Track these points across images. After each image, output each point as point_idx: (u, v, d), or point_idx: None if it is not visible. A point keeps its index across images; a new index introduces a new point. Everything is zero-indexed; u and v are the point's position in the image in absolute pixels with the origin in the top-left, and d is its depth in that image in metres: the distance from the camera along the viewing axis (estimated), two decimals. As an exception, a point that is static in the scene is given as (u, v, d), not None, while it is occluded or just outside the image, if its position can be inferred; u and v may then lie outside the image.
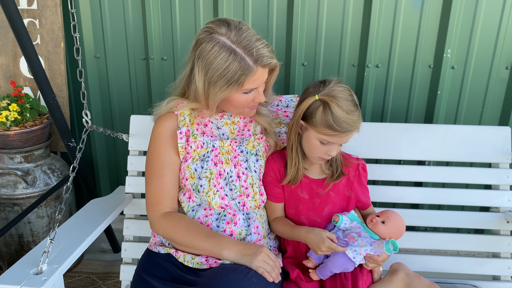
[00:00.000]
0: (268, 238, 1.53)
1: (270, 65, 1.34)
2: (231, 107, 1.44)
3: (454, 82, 2.18)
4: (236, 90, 1.34)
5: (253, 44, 1.30)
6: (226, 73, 1.30)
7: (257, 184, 1.50)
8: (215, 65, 1.30)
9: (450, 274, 1.75)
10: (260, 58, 1.30)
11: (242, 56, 1.29)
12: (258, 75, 1.33)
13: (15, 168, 2.16)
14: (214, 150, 1.47)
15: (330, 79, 1.39)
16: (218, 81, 1.32)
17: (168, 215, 1.43)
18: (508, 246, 1.70)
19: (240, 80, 1.31)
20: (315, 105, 1.35)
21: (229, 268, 1.29)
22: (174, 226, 1.40)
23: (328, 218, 1.49)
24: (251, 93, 1.38)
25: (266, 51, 1.32)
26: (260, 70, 1.33)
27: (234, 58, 1.28)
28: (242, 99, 1.38)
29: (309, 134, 1.40)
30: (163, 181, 1.44)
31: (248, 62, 1.29)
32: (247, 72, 1.30)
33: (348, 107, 1.33)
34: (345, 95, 1.35)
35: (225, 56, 1.29)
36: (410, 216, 1.75)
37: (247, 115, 1.49)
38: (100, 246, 2.60)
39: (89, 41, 2.28)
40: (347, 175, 1.51)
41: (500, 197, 1.72)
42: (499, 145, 1.72)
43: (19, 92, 2.23)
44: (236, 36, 1.30)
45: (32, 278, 1.22)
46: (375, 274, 1.45)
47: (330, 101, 1.32)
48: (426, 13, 2.07)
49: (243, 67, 1.29)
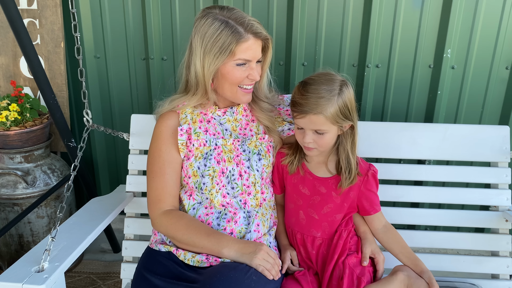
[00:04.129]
0: (269, 235, 1.53)
1: (261, 35, 1.39)
2: (225, 84, 1.44)
3: (454, 82, 2.18)
4: (229, 59, 1.38)
5: (244, 17, 1.39)
6: (219, 39, 1.35)
7: (259, 183, 1.50)
8: (208, 34, 1.37)
9: (449, 273, 1.75)
10: (250, 25, 1.37)
11: (233, 25, 1.36)
12: (249, 44, 1.38)
13: (15, 168, 2.16)
14: (217, 148, 1.48)
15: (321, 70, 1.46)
16: (212, 49, 1.37)
17: (169, 213, 1.43)
18: (507, 244, 1.71)
19: (232, 45, 1.35)
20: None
21: (230, 266, 1.30)
22: (175, 224, 1.41)
23: (326, 217, 1.49)
24: (244, 67, 1.41)
25: (256, 24, 1.39)
26: (252, 40, 1.38)
27: (225, 26, 1.36)
28: (236, 72, 1.41)
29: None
30: (164, 179, 1.45)
31: (239, 29, 1.36)
32: (238, 37, 1.35)
33: (307, 89, 1.37)
34: (314, 80, 1.39)
35: (217, 25, 1.36)
36: (410, 215, 1.76)
37: (242, 99, 1.49)
38: (100, 246, 2.59)
39: (89, 41, 2.28)
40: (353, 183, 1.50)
41: (499, 196, 1.72)
42: (498, 144, 1.73)
43: (19, 92, 2.23)
44: (228, 12, 1.39)
45: (33, 275, 1.23)
46: (378, 273, 1.47)
47: (299, 83, 1.41)
48: (426, 13, 2.08)
49: (234, 32, 1.35)
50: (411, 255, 1.48)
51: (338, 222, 1.50)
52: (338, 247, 1.46)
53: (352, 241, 1.50)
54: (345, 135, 1.45)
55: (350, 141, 1.46)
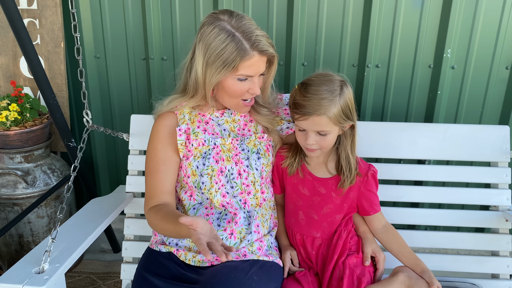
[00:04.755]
0: (270, 235, 1.53)
1: (267, 52, 1.36)
2: (225, 96, 1.43)
3: (454, 82, 2.18)
4: (231, 73, 1.35)
5: (253, 31, 1.33)
6: (223, 53, 1.32)
7: (259, 182, 1.50)
8: (213, 45, 1.33)
9: (450, 273, 1.75)
10: (257, 43, 1.32)
11: (240, 39, 1.31)
12: (253, 61, 1.34)
13: (15, 168, 2.16)
14: (216, 147, 1.48)
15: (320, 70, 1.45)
16: (215, 61, 1.33)
17: (154, 207, 1.42)
18: (507, 244, 1.71)
19: (236, 62, 1.32)
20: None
21: (230, 266, 1.30)
22: (154, 218, 1.39)
23: (326, 217, 1.49)
24: (246, 82, 1.38)
25: (264, 40, 1.35)
26: (257, 56, 1.34)
27: (231, 40, 1.31)
28: (236, 86, 1.38)
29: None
30: (158, 177, 1.45)
31: (245, 45, 1.32)
32: (243, 54, 1.32)
33: (308, 90, 1.36)
34: (314, 81, 1.38)
35: (223, 37, 1.32)
36: (410, 215, 1.76)
37: (241, 110, 1.49)
38: (100, 246, 2.59)
39: (89, 41, 2.28)
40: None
41: (499, 196, 1.72)
42: (498, 144, 1.73)
43: (19, 92, 2.23)
44: (236, 22, 1.33)
45: (34, 277, 1.23)
46: (378, 272, 1.47)
47: (299, 85, 1.39)
48: (426, 13, 2.08)
49: (239, 49, 1.31)
50: (411, 255, 1.48)
51: (337, 223, 1.50)
52: (338, 248, 1.46)
53: (352, 241, 1.50)
54: (345, 135, 1.45)
55: (350, 140, 1.46)
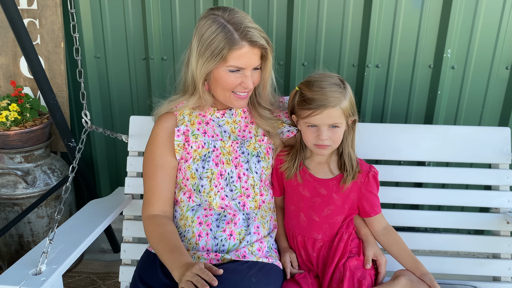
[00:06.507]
0: (270, 237, 1.53)
1: (257, 44, 1.35)
2: (218, 88, 1.43)
3: (454, 82, 2.18)
4: (221, 64, 1.36)
5: (245, 23, 1.34)
6: (213, 43, 1.33)
7: (258, 185, 1.50)
8: (205, 36, 1.35)
9: (450, 275, 1.75)
10: (247, 33, 1.33)
11: (230, 30, 1.33)
12: (243, 52, 1.34)
13: (15, 168, 2.16)
14: (215, 150, 1.47)
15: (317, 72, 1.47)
16: (205, 51, 1.35)
17: (153, 218, 1.43)
18: (508, 247, 1.70)
19: (224, 51, 1.33)
20: (295, 95, 1.46)
21: (228, 269, 1.29)
22: (152, 231, 1.41)
23: (327, 219, 1.49)
24: (238, 74, 1.38)
25: (256, 32, 1.35)
26: (246, 47, 1.34)
27: (221, 30, 1.33)
28: (228, 78, 1.38)
29: (300, 124, 1.46)
30: (155, 183, 1.45)
31: (235, 35, 1.32)
32: (232, 44, 1.32)
33: (318, 85, 1.38)
34: (320, 78, 1.41)
35: (214, 28, 1.34)
36: (410, 217, 1.75)
37: (235, 104, 1.47)
38: (100, 246, 2.60)
39: (89, 41, 2.28)
40: (355, 180, 1.49)
41: (500, 198, 1.71)
42: (499, 145, 1.72)
43: (19, 92, 2.23)
44: (229, 16, 1.35)
45: (31, 278, 1.22)
46: (380, 275, 1.46)
47: (303, 84, 1.41)
48: (426, 13, 2.07)
49: (228, 38, 1.32)
50: (411, 257, 1.48)
51: (339, 224, 1.49)
52: (339, 250, 1.46)
53: (353, 244, 1.50)
54: (348, 130, 1.47)
55: (351, 136, 1.49)
